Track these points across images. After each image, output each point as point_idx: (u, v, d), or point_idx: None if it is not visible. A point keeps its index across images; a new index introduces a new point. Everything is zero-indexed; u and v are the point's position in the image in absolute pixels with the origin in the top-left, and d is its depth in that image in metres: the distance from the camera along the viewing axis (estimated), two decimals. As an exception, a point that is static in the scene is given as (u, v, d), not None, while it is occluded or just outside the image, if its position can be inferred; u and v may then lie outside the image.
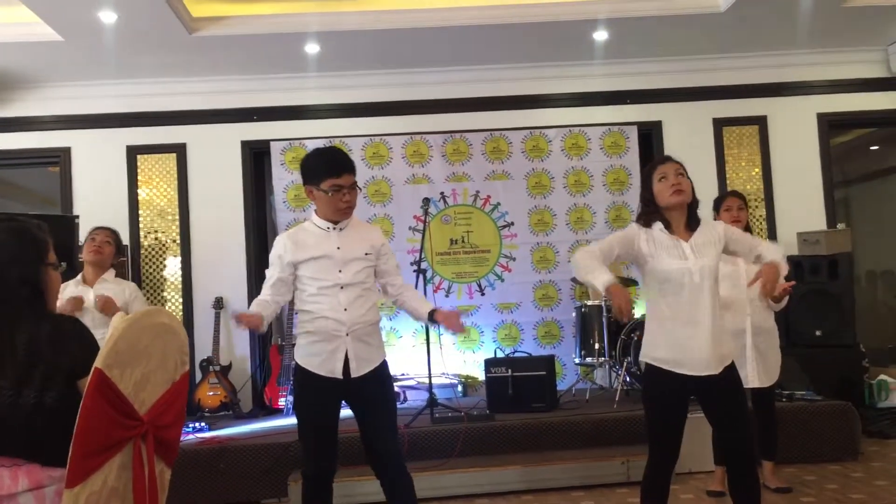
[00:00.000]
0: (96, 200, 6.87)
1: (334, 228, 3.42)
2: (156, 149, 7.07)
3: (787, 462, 4.93)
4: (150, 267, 6.99)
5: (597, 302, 6.34)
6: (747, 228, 4.51)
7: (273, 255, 3.47)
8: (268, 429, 5.66)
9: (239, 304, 6.94)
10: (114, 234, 4.80)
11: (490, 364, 5.87)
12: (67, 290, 4.48)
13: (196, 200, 7.06)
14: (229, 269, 6.98)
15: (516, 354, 6.37)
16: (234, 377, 6.72)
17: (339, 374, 3.35)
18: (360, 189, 3.55)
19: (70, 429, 1.92)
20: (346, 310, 3.34)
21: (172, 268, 7.01)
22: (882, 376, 6.37)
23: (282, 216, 7.14)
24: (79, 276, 4.65)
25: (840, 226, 7.19)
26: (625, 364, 5.97)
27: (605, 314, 6.20)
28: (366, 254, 3.42)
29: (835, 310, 6.29)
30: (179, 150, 7.08)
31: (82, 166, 7.03)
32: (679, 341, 3.16)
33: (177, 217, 7.04)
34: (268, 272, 3.50)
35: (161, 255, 6.99)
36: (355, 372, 3.36)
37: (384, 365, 3.48)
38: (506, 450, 5.15)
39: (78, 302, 4.40)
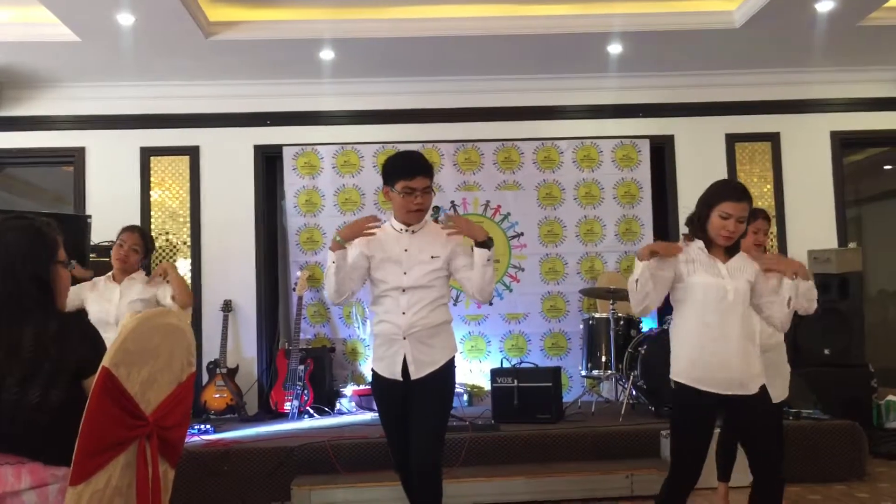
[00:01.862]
0: (109, 200, 6.90)
1: (407, 230, 3.49)
2: (169, 151, 7.11)
3: (792, 481, 4.87)
4: (160, 268, 7.01)
5: (605, 315, 6.33)
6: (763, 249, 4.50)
7: (351, 249, 3.52)
8: (272, 433, 5.66)
9: (248, 308, 7.00)
10: (143, 238, 4.65)
11: (496, 374, 5.86)
12: (99, 285, 4.49)
13: (207, 203, 7.09)
14: (239, 273, 7.01)
15: (523, 365, 6.35)
16: (241, 380, 6.73)
17: (398, 377, 3.40)
18: (435, 192, 3.60)
19: (75, 427, 1.93)
20: (404, 313, 3.38)
21: (182, 269, 7.01)
22: (890, 397, 6.32)
23: (292, 221, 7.17)
24: (109, 273, 4.58)
25: (851, 245, 7.16)
26: (631, 378, 5.95)
27: (612, 327, 6.18)
28: (432, 257, 3.44)
29: (844, 329, 6.25)
30: (192, 153, 7.12)
31: (96, 166, 7.07)
32: (708, 359, 3.18)
33: (188, 219, 7.07)
34: None
35: (171, 257, 7.02)
36: (414, 374, 3.39)
37: (448, 366, 3.46)
38: (510, 460, 5.13)
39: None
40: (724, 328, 3.17)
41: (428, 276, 3.42)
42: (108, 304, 4.41)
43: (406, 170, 3.43)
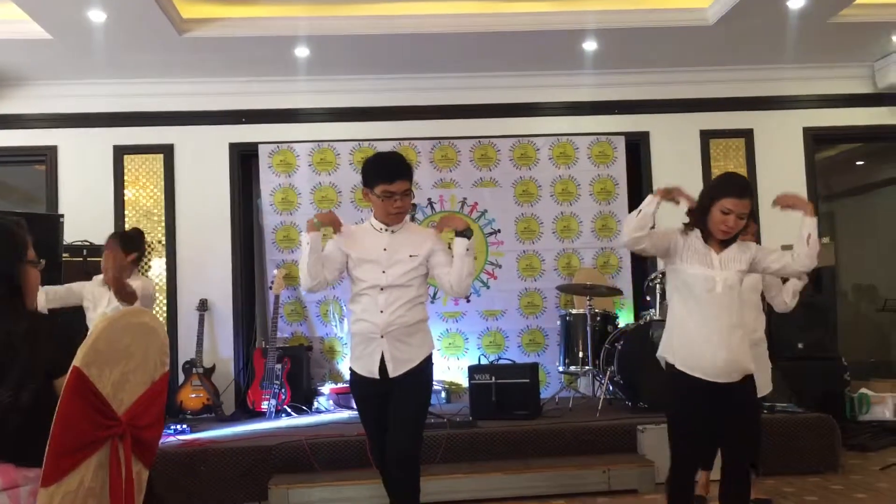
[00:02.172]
0: (82, 200, 6.84)
1: (387, 230, 3.51)
2: (143, 149, 7.05)
3: (767, 474, 4.95)
4: (135, 267, 6.94)
5: (582, 311, 6.36)
6: None
7: (330, 242, 3.56)
8: (250, 432, 5.63)
9: (224, 307, 6.96)
10: (124, 244, 4.32)
11: (474, 371, 5.87)
12: (95, 289, 4.34)
13: (182, 202, 7.04)
14: (214, 272, 6.96)
15: (500, 362, 6.37)
16: (218, 380, 6.69)
17: (376, 375, 3.43)
18: (414, 195, 3.63)
19: (46, 428, 1.90)
20: (381, 312, 3.41)
21: (157, 269, 6.97)
22: (863, 390, 6.41)
23: (269, 219, 7.13)
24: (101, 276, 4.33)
25: (824, 240, 7.23)
26: (608, 373, 5.98)
27: (589, 323, 6.21)
28: (410, 255, 3.46)
29: (818, 323, 6.32)
30: (167, 151, 7.06)
31: (69, 165, 6.99)
32: (695, 346, 3.27)
33: (163, 218, 7.02)
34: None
35: (146, 256, 6.95)
36: (392, 372, 3.42)
37: (426, 363, 3.51)
38: (488, 457, 5.14)
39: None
40: (710, 317, 3.25)
41: (407, 275, 3.44)
42: (95, 311, 4.33)
43: (385, 173, 3.43)
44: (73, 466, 1.95)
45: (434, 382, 3.83)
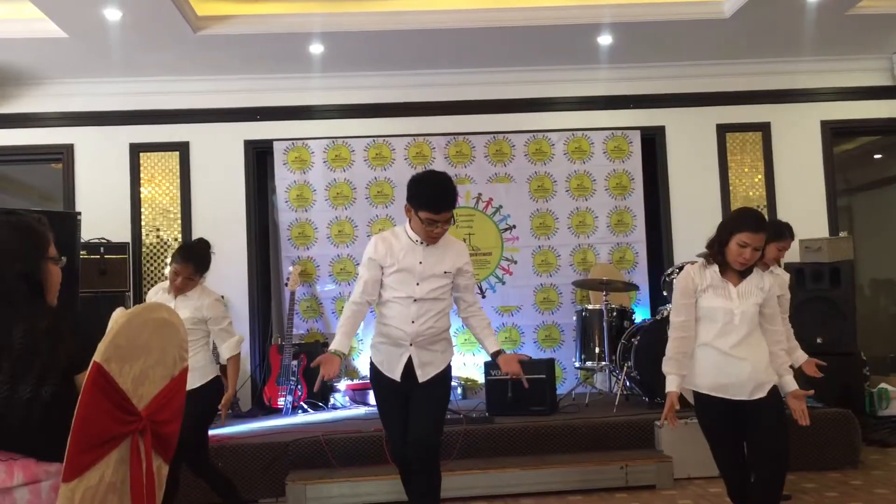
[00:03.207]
0: (98, 197, 6.87)
1: (421, 243, 3.58)
2: (159, 147, 7.08)
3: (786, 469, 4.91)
4: (152, 265, 6.98)
5: (598, 306, 6.33)
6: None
7: (365, 257, 3.64)
8: (266, 428, 5.65)
9: (240, 304, 6.96)
10: (196, 264, 4.23)
11: (490, 367, 5.86)
12: (156, 295, 4.30)
13: (198, 199, 7.06)
14: (230, 269, 6.95)
15: (516, 358, 6.34)
16: (234, 376, 6.70)
17: (397, 378, 3.56)
18: (455, 221, 3.78)
19: (67, 424, 1.91)
20: (413, 322, 3.53)
21: (173, 266, 6.98)
22: (883, 385, 6.36)
23: (284, 216, 7.14)
24: (168, 283, 4.29)
25: (842, 234, 7.18)
26: (625, 369, 5.95)
27: (605, 318, 6.18)
28: (445, 272, 3.58)
29: (836, 317, 6.26)
30: (182, 149, 7.09)
31: (85, 163, 7.03)
32: (718, 369, 3.41)
33: (179, 215, 7.04)
34: (360, 271, 3.68)
35: (162, 254, 6.99)
36: (422, 377, 3.55)
37: (448, 368, 3.68)
38: (504, 453, 5.14)
39: None
40: (729, 346, 3.39)
41: (439, 289, 3.57)
42: None
43: (432, 204, 3.47)
44: (94, 462, 1.97)
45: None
